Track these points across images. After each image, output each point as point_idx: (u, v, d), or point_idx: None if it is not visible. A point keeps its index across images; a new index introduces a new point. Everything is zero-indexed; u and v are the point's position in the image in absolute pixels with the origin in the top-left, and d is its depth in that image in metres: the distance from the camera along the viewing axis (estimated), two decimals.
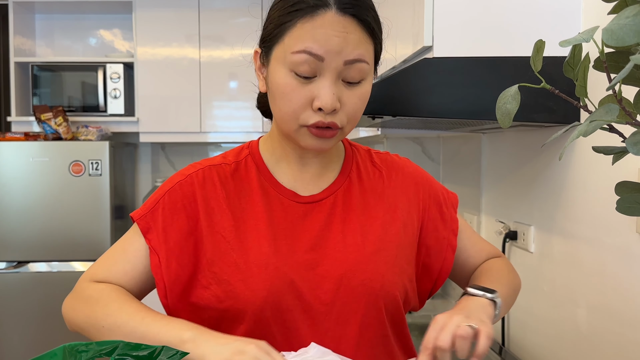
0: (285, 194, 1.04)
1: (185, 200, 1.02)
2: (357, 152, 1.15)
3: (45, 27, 3.94)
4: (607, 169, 1.42)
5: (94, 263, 1.05)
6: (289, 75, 0.92)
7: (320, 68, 0.91)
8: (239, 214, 1.02)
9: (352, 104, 0.95)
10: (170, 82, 3.64)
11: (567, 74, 0.75)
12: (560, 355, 1.67)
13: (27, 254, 3.33)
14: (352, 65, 0.92)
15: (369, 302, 1.00)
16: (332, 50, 0.90)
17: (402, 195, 1.11)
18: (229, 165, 1.06)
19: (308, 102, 0.93)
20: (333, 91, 0.91)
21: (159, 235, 1.00)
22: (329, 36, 0.90)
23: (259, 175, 1.06)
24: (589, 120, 0.67)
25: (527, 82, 0.77)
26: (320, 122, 0.93)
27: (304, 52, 0.90)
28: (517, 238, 1.93)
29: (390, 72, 1.94)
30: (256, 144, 1.11)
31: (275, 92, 0.96)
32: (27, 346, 3.30)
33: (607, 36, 0.61)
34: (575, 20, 1.53)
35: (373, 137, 2.83)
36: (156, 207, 1.02)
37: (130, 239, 1.03)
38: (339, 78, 0.93)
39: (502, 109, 0.76)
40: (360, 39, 0.93)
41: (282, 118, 0.96)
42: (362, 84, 0.95)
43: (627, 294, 1.35)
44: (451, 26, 1.53)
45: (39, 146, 3.33)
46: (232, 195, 1.03)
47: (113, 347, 0.60)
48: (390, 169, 1.13)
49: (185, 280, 1.01)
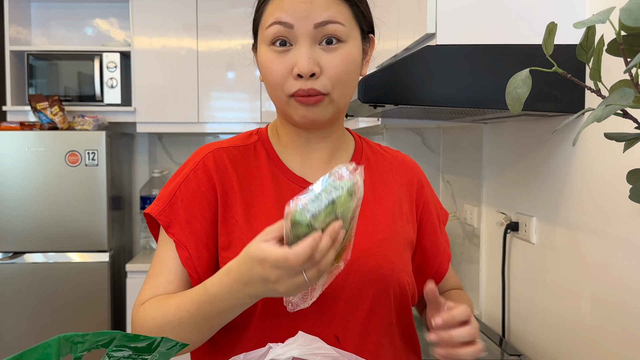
0: (294, 180, 1.04)
1: (203, 187, 1.01)
2: (367, 145, 1.15)
3: (41, 16, 3.89)
4: (613, 158, 1.39)
5: (141, 290, 1.03)
6: (269, 50, 0.96)
7: (292, 36, 0.94)
8: (249, 198, 1.02)
9: (333, 67, 0.95)
10: (168, 72, 3.61)
11: (580, 57, 0.73)
12: (561, 347, 1.65)
13: (23, 244, 3.30)
14: (324, 27, 0.94)
15: (378, 288, 1.00)
16: (300, 16, 0.93)
17: (408, 193, 1.12)
18: (237, 149, 1.06)
19: (288, 71, 0.95)
20: (308, 55, 0.93)
21: (183, 228, 1.00)
22: (295, 3, 0.94)
23: (269, 161, 1.06)
24: (604, 104, 0.64)
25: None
26: (300, 90, 0.94)
27: (274, 24, 0.95)
28: (518, 229, 1.91)
29: (392, 60, 1.92)
30: (265, 130, 1.12)
31: (262, 71, 1.00)
32: (22, 337, 3.28)
33: (626, 16, 0.59)
34: (581, 7, 1.50)
35: (373, 128, 2.81)
36: (174, 199, 1.01)
37: (162, 249, 1.02)
38: (315, 43, 0.95)
39: (512, 93, 0.74)
40: (328, 2, 0.95)
41: (273, 94, 0.99)
42: (341, 45, 0.96)
43: (632, 286, 1.33)
44: (455, 13, 1.51)
45: (35, 136, 3.29)
46: (242, 178, 1.03)
47: (110, 338, 0.58)
48: (400, 166, 1.15)
49: (215, 267, 1.00)
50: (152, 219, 1.04)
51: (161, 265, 1.01)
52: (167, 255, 1.00)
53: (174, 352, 0.66)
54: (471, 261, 2.37)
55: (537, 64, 0.78)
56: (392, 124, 2.74)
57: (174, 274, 1.00)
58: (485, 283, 2.25)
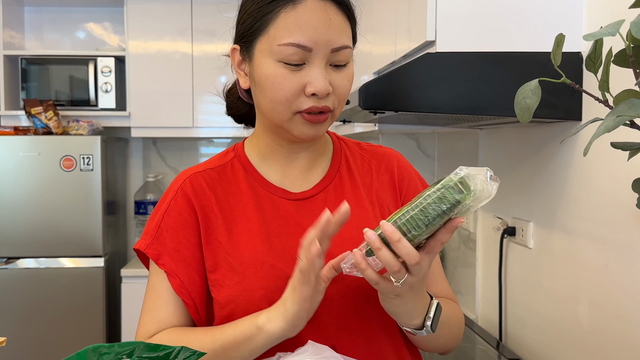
0: (275, 191, 1.05)
1: (185, 213, 1.02)
2: (345, 145, 1.14)
3: (34, 20, 3.88)
4: (611, 165, 1.41)
5: (140, 321, 1.03)
6: (278, 65, 0.94)
7: (308, 56, 0.94)
8: (230, 217, 1.02)
9: (342, 86, 0.97)
10: (162, 76, 3.60)
11: (589, 68, 0.74)
12: (559, 351, 1.67)
13: (18, 250, 3.28)
14: (339, 52, 0.95)
15: (368, 295, 1.00)
16: (320, 41, 0.93)
17: (390, 182, 1.11)
18: (213, 170, 1.07)
19: (300, 89, 0.94)
20: (324, 76, 0.94)
21: (173, 257, 1.01)
22: (315, 27, 0.93)
23: (247, 176, 1.06)
24: (614, 115, 0.66)
25: (532, 78, 0.76)
26: (314, 107, 0.95)
27: (292, 45, 0.93)
28: (515, 234, 1.93)
29: (391, 66, 1.93)
30: (241, 145, 1.11)
31: (264, 84, 0.96)
32: (18, 343, 3.26)
33: (637, 29, 0.60)
34: (578, 16, 1.52)
35: (369, 133, 2.82)
36: (159, 231, 1.02)
37: (156, 279, 1.03)
38: (327, 63, 0.95)
39: (522, 103, 0.75)
40: (342, 24, 0.96)
41: (275, 108, 0.97)
42: (347, 66, 0.98)
43: (630, 291, 1.35)
44: (454, 21, 1.52)
45: (29, 141, 3.28)
46: (221, 198, 1.04)
47: (132, 349, 0.59)
48: (380, 162, 1.13)
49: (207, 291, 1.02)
50: (143, 253, 1.05)
51: (158, 297, 1.02)
52: (162, 285, 1.01)
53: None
54: (467, 265, 2.39)
55: (535, 72, 0.80)
56: (387, 129, 2.76)
57: (174, 304, 1.01)
58: (481, 287, 2.26)
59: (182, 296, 1.00)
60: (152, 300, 1.02)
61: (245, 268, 0.97)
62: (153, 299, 1.02)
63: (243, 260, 0.98)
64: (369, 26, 2.33)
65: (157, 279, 1.02)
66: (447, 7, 1.51)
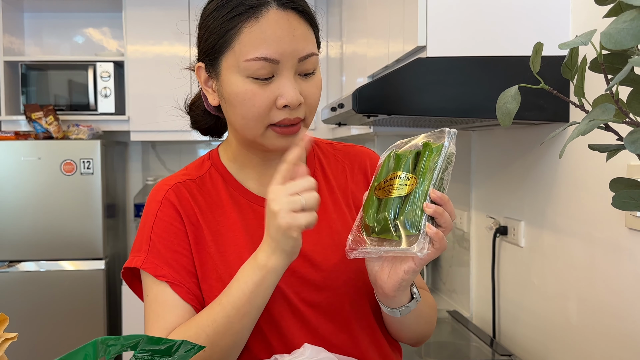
0: (255, 200, 1.05)
1: (175, 221, 1.02)
2: (318, 149, 1.14)
3: (33, 26, 3.92)
4: (596, 166, 1.45)
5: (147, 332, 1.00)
6: (247, 81, 0.93)
7: (276, 69, 0.93)
8: (215, 228, 1.02)
9: (312, 95, 0.97)
10: (161, 80, 3.64)
11: (565, 74, 0.78)
12: (550, 346, 1.71)
13: (19, 253, 3.32)
14: (306, 60, 0.95)
15: (353, 300, 1.03)
16: (286, 52, 0.92)
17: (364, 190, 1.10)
18: (193, 181, 1.06)
19: (271, 103, 0.93)
20: (295, 87, 0.93)
21: (172, 267, 1.00)
22: (279, 38, 0.92)
23: (227, 186, 1.06)
24: (587, 119, 0.70)
25: (520, 81, 0.80)
26: (287, 120, 0.94)
27: (259, 60, 0.91)
28: (507, 233, 1.97)
29: (383, 71, 1.97)
30: (216, 153, 1.11)
31: (234, 101, 0.95)
32: (19, 346, 3.29)
33: (606, 40, 0.64)
34: (564, 21, 1.56)
35: (364, 135, 2.86)
36: (152, 245, 1.01)
37: (157, 291, 1.00)
38: (295, 73, 0.95)
39: (503, 108, 0.79)
40: (306, 33, 0.95)
41: (247, 125, 0.96)
42: (315, 73, 0.98)
43: (616, 287, 1.40)
44: (444, 26, 1.56)
45: (30, 145, 3.32)
46: (204, 210, 1.03)
47: (137, 341, 0.63)
48: (353, 162, 1.14)
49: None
50: (128, 273, 1.05)
51: (163, 306, 0.99)
52: (165, 294, 0.99)
53: (191, 354, 0.71)
54: (461, 264, 2.43)
55: (524, 75, 0.83)
56: (382, 132, 2.80)
57: (181, 308, 0.98)
58: (475, 286, 2.30)
59: (192, 302, 0.99)
60: (156, 312, 0.99)
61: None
62: (157, 311, 0.99)
63: (232, 272, 0.96)
64: (363, 29, 2.37)
65: (157, 290, 0.99)
66: (438, 13, 1.55)
